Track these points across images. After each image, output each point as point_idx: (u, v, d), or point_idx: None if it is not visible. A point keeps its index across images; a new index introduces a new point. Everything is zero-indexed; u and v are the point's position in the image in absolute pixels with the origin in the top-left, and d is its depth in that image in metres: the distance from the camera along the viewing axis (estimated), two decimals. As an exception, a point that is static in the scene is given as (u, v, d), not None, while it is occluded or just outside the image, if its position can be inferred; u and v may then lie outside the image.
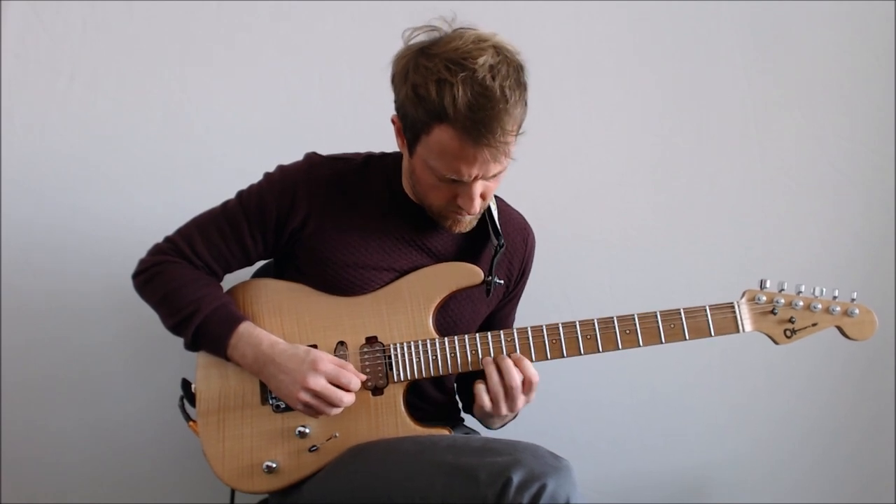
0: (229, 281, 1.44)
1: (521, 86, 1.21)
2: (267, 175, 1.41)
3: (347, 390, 1.30)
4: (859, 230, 1.98)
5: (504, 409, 1.31)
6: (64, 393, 1.85)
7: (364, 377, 1.33)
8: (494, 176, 1.26)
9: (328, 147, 1.45)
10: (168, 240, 1.41)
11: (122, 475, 1.88)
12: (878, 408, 2.02)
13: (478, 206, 1.29)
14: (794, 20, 1.95)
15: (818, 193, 1.98)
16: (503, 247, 1.40)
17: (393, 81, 1.27)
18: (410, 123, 1.24)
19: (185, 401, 1.41)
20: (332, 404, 1.29)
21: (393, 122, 1.31)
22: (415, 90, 1.20)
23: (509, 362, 1.31)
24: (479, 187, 1.26)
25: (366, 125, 1.64)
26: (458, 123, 1.17)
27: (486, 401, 1.31)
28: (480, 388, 1.32)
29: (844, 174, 1.97)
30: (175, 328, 1.36)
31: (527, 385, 1.31)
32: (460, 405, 1.58)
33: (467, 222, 1.35)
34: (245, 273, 1.51)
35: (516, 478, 1.13)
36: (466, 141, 1.18)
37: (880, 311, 1.38)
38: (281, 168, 1.41)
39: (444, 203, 1.31)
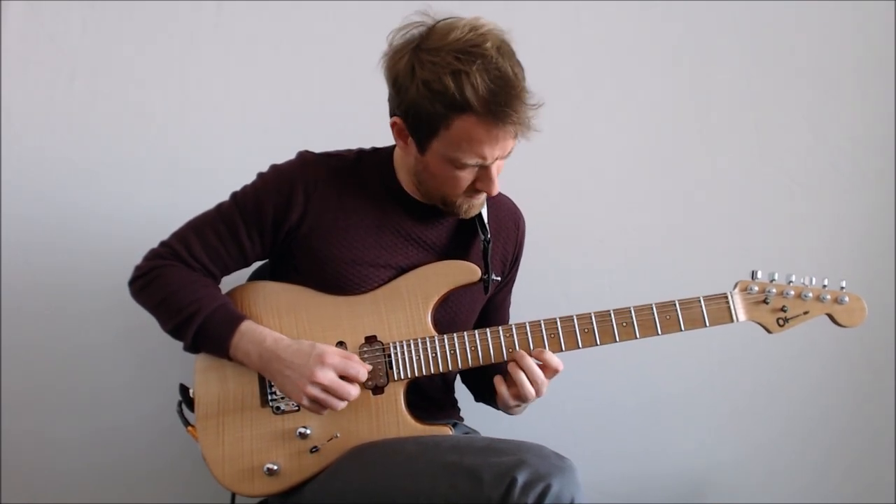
0: (227, 284, 1.44)
1: (519, 62, 1.25)
2: (261, 175, 1.41)
3: (355, 382, 1.29)
4: (860, 230, 1.98)
5: (532, 398, 1.34)
6: (64, 395, 1.84)
7: (370, 367, 1.33)
8: (509, 153, 1.29)
9: (328, 147, 1.45)
10: (164, 244, 1.41)
11: (122, 477, 1.88)
12: (879, 411, 2.02)
13: (498, 184, 1.31)
14: (794, 20, 1.94)
15: (818, 193, 1.97)
16: (490, 242, 1.41)
17: (395, 84, 1.26)
18: (425, 121, 1.24)
19: (184, 406, 1.40)
20: (340, 398, 1.28)
21: (393, 124, 1.31)
22: (427, 86, 1.20)
23: (530, 361, 1.32)
24: (496, 167, 1.29)
25: (365, 125, 1.63)
26: (482, 110, 1.19)
27: (510, 401, 1.34)
28: (503, 390, 1.34)
29: (844, 174, 1.97)
30: (175, 331, 1.35)
31: (551, 372, 1.33)
32: (465, 413, 1.58)
33: (480, 204, 1.37)
34: (241, 276, 1.51)
35: (521, 478, 1.12)
36: (492, 125, 1.20)
37: (881, 312, 1.38)
38: (274, 167, 1.41)
39: (462, 192, 1.32)
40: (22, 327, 1.81)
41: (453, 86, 1.18)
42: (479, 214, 1.41)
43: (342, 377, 1.29)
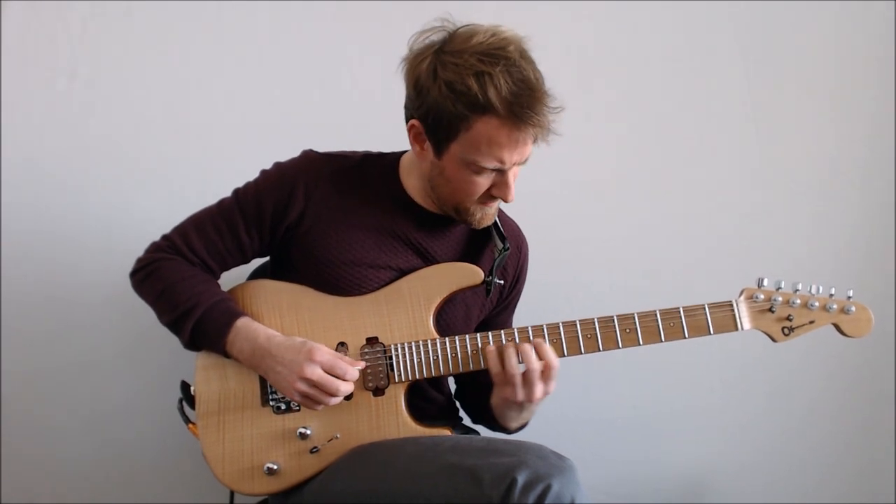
0: (228, 282, 1.44)
1: (539, 69, 1.25)
2: (263, 172, 1.41)
3: (344, 380, 1.29)
4: (859, 231, 1.98)
5: (521, 395, 1.28)
6: (64, 393, 1.84)
7: (363, 364, 1.33)
8: (526, 160, 1.28)
9: (328, 147, 1.45)
10: (165, 237, 1.41)
11: (122, 476, 1.88)
12: (879, 413, 2.02)
13: (514, 191, 1.30)
14: (794, 20, 1.94)
15: (818, 193, 1.98)
16: (507, 249, 1.40)
17: (416, 86, 1.26)
18: (446, 122, 1.23)
19: (185, 403, 1.40)
20: (329, 393, 1.28)
21: (411, 128, 1.30)
22: (450, 87, 1.20)
23: (528, 346, 1.29)
24: (513, 173, 1.28)
25: (366, 125, 1.63)
26: (504, 111, 1.19)
27: (515, 392, 1.28)
28: (502, 391, 1.31)
29: (844, 174, 1.97)
30: (172, 324, 1.36)
31: (546, 372, 1.29)
32: (464, 414, 1.57)
33: (493, 213, 1.37)
34: (241, 274, 1.51)
35: (521, 479, 1.13)
36: (513, 127, 1.21)
37: (882, 314, 1.38)
38: (277, 165, 1.41)
39: (477, 198, 1.31)
40: (22, 327, 1.82)
41: (476, 87, 1.19)
42: (496, 224, 1.41)
43: (332, 374, 1.29)
